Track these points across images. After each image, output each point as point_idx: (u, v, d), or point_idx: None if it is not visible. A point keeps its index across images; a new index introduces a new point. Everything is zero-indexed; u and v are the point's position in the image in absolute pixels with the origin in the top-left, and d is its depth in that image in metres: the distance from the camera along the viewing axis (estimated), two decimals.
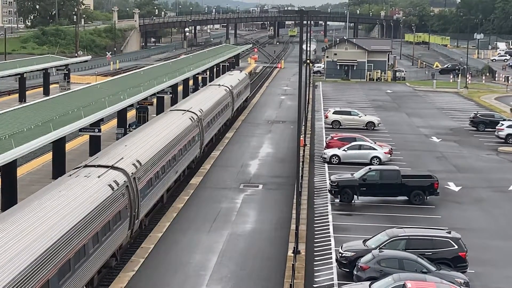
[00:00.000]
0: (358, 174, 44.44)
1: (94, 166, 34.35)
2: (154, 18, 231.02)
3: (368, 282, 28.70)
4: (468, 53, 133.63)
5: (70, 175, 32.98)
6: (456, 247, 31.53)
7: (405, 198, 43.86)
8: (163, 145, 42.47)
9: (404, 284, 26.46)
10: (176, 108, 56.07)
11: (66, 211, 27.62)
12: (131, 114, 67.85)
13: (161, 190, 41.32)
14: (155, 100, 71.24)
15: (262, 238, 36.74)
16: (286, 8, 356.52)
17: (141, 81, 69.90)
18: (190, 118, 51.56)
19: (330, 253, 34.15)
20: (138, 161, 36.83)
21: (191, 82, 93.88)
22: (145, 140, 42.06)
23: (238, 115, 79.82)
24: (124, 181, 33.66)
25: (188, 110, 53.62)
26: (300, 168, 42.84)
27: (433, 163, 56.13)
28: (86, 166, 34.60)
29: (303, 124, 62.84)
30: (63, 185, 30.94)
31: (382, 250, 30.79)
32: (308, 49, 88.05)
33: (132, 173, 34.89)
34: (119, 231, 32.06)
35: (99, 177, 32.37)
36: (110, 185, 31.95)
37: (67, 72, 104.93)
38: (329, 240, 36.23)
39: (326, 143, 58.98)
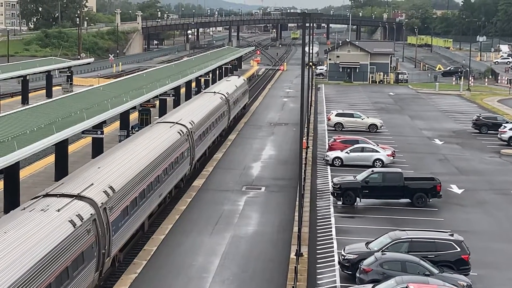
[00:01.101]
0: (360, 176, 44.41)
1: (56, 195, 29.34)
2: (161, 20, 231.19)
3: (371, 285, 28.68)
4: (470, 56, 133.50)
5: (23, 209, 27.59)
6: (459, 249, 31.50)
7: (408, 200, 43.82)
8: (144, 165, 37.54)
9: (406, 287, 26.43)
10: (164, 120, 51.04)
11: (2, 265, 22.20)
12: (134, 116, 67.89)
13: (141, 218, 36.04)
14: (157, 102, 71.29)
15: (265, 240, 36.72)
16: (288, 11, 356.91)
17: (143, 84, 69.97)
18: (179, 132, 46.86)
19: (333, 256, 34.11)
20: (111, 187, 31.94)
21: (193, 85, 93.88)
22: (123, 159, 37.04)
23: (236, 123, 75.38)
24: (91, 214, 28.72)
25: (177, 123, 48.91)
26: (303, 171, 42.78)
27: (436, 166, 56.08)
28: (47, 195, 29.53)
29: (306, 126, 62.84)
30: (10, 224, 25.50)
31: (385, 252, 30.75)
32: (311, 51, 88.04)
33: (102, 203, 30.04)
34: (82, 277, 26.96)
35: (58, 210, 27.33)
36: (71, 221, 26.95)
37: (70, 74, 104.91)
38: (332, 243, 36.19)
39: (329, 145, 58.96)
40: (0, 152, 35.53)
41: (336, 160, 54.34)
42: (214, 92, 68.57)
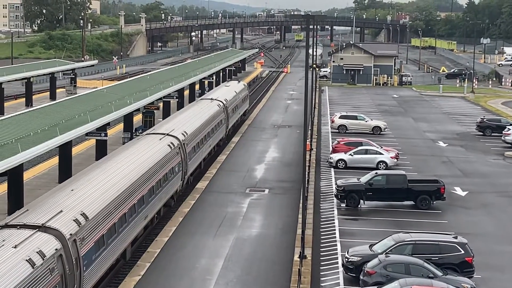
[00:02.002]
0: (364, 178, 44.37)
1: (16, 226, 25.10)
2: (164, 22, 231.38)
3: (375, 287, 28.67)
4: (474, 58, 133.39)
5: None
6: (463, 252, 31.45)
7: (412, 203, 43.78)
8: (127, 185, 33.42)
9: None
10: (154, 132, 46.67)
11: None
12: (138, 119, 67.94)
13: (121, 246, 31.78)
14: (161, 105, 71.32)
15: (268, 242, 36.70)
16: (292, 13, 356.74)
17: (147, 86, 70.02)
18: (169, 144, 42.92)
19: (337, 258, 34.09)
20: (83, 214, 27.80)
21: (197, 87, 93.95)
22: (103, 179, 32.85)
23: (236, 131, 71.76)
24: (56, 249, 24.48)
25: (168, 134, 45.14)
26: (306, 173, 42.80)
27: (440, 168, 56.02)
28: (6, 225, 25.34)
29: (309, 128, 62.81)
30: None
31: (389, 255, 30.73)
32: (314, 53, 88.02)
33: (71, 234, 25.82)
34: None
35: (16, 246, 23.17)
36: (29, 260, 22.78)
37: (73, 76, 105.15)
38: (336, 245, 36.17)
39: (333, 147, 58.93)
40: (4, 154, 35.58)
41: (340, 162, 54.31)
42: (211, 99, 64.92)
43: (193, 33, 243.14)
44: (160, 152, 40.96)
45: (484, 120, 73.73)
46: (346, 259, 31.85)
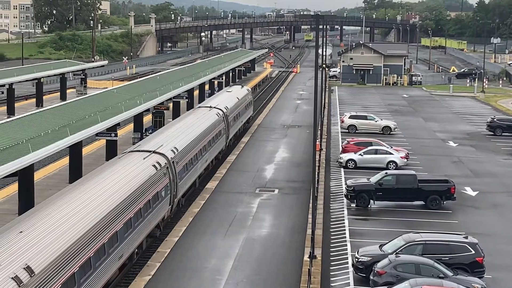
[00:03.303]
0: (374, 178, 44.32)
1: None
2: (174, 22, 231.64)
3: (385, 287, 28.63)
4: (485, 57, 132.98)
5: None
6: (473, 252, 31.38)
7: (422, 203, 43.70)
8: (94, 222, 27.34)
9: None
10: (138, 149, 40.50)
11: None
12: (148, 119, 68.08)
13: None
14: (171, 105, 71.44)
15: (278, 242, 36.70)
16: (302, 13, 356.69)
17: (157, 86, 70.17)
18: (154, 165, 37.11)
19: (347, 258, 34.06)
20: (28, 268, 21.97)
21: (207, 87, 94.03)
22: (64, 214, 26.82)
23: (239, 138, 67.32)
24: None
25: (154, 151, 39.38)
26: (316, 173, 42.75)
27: (450, 168, 55.90)
28: None
29: (319, 128, 62.80)
30: None
31: (399, 255, 30.69)
32: (324, 53, 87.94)
33: None
34: None
35: None
36: None
37: (84, 77, 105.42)
38: (345, 245, 36.13)
39: (342, 147, 58.89)
40: (15, 155, 35.74)
41: (350, 162, 54.25)
42: (210, 107, 59.39)
43: (202, 34, 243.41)
44: (143, 175, 34.92)
45: (495, 119, 73.49)
46: (356, 259, 31.83)
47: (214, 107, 59.21)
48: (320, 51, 71.72)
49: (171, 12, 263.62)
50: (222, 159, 58.28)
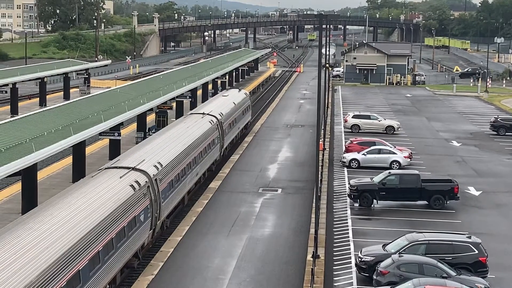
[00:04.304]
0: (377, 178, 44.29)
1: None
2: (177, 22, 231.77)
3: (388, 287, 28.62)
4: (488, 57, 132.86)
5: None
6: (477, 252, 31.34)
7: (425, 202, 43.66)
8: (51, 260, 23.16)
9: None
10: (117, 165, 35.63)
11: None
12: (151, 118, 68.09)
13: None
14: (174, 104, 71.46)
15: (281, 242, 36.69)
16: (305, 12, 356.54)
17: (160, 85, 70.17)
18: (132, 185, 32.36)
19: (350, 258, 34.05)
20: None
21: (210, 86, 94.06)
22: (23, 247, 23.05)
23: (236, 146, 63.15)
24: None
25: (134, 168, 34.69)
26: (319, 172, 42.78)
27: (453, 168, 55.85)
28: None
29: (322, 128, 62.74)
30: None
31: (402, 254, 30.66)
32: (327, 53, 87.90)
33: None
34: None
35: None
36: None
37: (87, 76, 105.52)
38: (349, 245, 36.12)
39: (346, 147, 58.86)
40: (18, 154, 35.77)
41: (353, 162, 54.22)
42: (203, 114, 54.91)
43: (206, 33, 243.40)
44: (116, 198, 30.19)
45: (498, 119, 73.41)
46: (359, 259, 31.81)
47: (208, 114, 54.82)
48: (323, 50, 71.66)
49: (175, 12, 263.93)
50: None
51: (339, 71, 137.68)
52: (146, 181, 34.05)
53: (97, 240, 26.67)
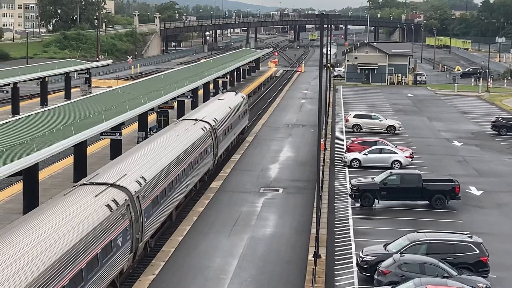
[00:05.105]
0: (379, 178, 44.28)
1: None
2: (179, 22, 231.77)
3: (389, 287, 28.62)
4: (489, 57, 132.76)
5: None
6: (478, 251, 31.34)
7: (426, 202, 43.65)
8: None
9: None
10: (94, 180, 32.13)
11: None
12: (152, 118, 68.11)
13: None
14: (175, 104, 71.49)
15: (282, 242, 36.70)
16: (306, 12, 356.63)
17: (161, 85, 70.19)
18: (109, 205, 29.02)
19: (351, 258, 34.05)
20: None
21: (211, 86, 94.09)
22: None
23: (232, 153, 59.97)
24: None
25: (113, 184, 31.42)
26: (321, 172, 42.74)
27: (455, 167, 55.83)
28: None
29: (324, 128, 62.72)
30: None
31: (403, 254, 30.65)
32: (329, 53, 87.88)
33: None
34: None
35: None
36: None
37: (88, 76, 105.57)
38: (350, 244, 36.12)
39: (347, 147, 58.85)
40: (20, 154, 35.79)
41: (354, 161, 54.22)
42: (195, 120, 51.54)
43: (207, 33, 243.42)
44: (89, 222, 26.84)
45: (499, 119, 73.38)
46: (361, 259, 31.81)
47: (200, 120, 51.49)
48: (324, 50, 71.71)
49: (176, 12, 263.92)
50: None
51: (340, 70, 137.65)
52: (125, 199, 30.69)
53: (61, 274, 23.23)
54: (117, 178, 32.31)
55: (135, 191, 31.92)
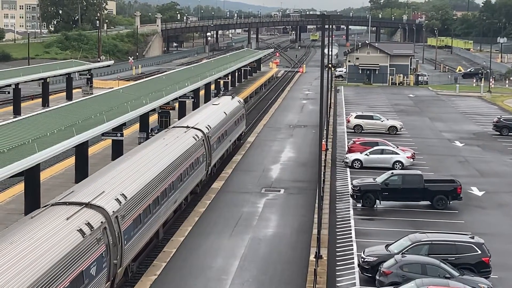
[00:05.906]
0: (380, 178, 44.27)
1: None
2: (180, 22, 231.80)
3: (391, 287, 28.59)
4: (491, 57, 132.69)
5: None
6: (480, 252, 31.32)
7: (428, 203, 43.63)
8: None
9: None
10: (67, 200, 28.80)
11: None
12: (153, 119, 68.12)
13: None
14: (177, 105, 71.49)
15: (284, 242, 36.69)
16: (308, 13, 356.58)
17: (163, 86, 70.22)
18: (81, 229, 25.97)
19: (352, 258, 34.04)
20: None
21: (213, 87, 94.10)
22: None
23: (229, 159, 57.76)
24: None
25: (88, 204, 28.28)
26: (322, 173, 42.71)
27: (456, 168, 55.80)
28: None
29: (325, 128, 62.73)
30: None
31: (405, 255, 30.65)
32: (330, 53, 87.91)
33: None
34: None
35: None
36: None
37: (89, 76, 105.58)
38: (351, 245, 36.11)
39: (348, 147, 58.84)
40: (21, 154, 35.80)
41: (356, 162, 54.20)
42: (187, 127, 48.39)
43: (208, 33, 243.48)
44: (58, 250, 23.87)
45: (501, 119, 73.34)
46: (362, 259, 31.80)
47: (192, 127, 48.44)
48: (326, 50, 71.67)
49: (177, 12, 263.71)
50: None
51: (342, 71, 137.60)
52: (102, 222, 27.41)
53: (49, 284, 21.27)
54: (93, 196, 29.04)
55: (113, 211, 28.74)
